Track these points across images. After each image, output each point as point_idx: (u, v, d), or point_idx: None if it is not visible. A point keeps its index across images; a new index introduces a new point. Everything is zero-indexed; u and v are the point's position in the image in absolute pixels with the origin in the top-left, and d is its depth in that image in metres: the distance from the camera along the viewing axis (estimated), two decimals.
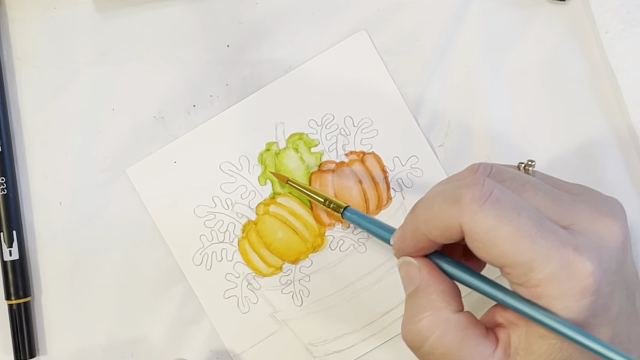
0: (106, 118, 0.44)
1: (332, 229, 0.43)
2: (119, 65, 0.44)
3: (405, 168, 0.43)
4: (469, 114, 0.43)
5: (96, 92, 0.44)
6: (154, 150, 0.44)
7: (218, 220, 0.44)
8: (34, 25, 0.44)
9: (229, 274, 0.44)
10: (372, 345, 0.43)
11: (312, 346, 0.44)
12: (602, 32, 0.42)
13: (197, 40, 0.44)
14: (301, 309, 0.43)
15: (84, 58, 0.44)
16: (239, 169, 0.44)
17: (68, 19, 0.44)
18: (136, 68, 0.44)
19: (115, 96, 0.44)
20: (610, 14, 0.42)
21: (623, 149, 0.43)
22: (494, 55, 0.43)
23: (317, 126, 0.44)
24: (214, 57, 0.44)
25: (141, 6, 0.44)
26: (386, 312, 0.43)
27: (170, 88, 0.44)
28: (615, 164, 0.43)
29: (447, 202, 0.33)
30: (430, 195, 0.34)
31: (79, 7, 0.44)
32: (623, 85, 0.42)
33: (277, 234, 0.43)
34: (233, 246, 0.44)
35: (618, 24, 0.42)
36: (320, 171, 0.43)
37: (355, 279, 0.43)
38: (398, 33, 0.43)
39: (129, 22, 0.44)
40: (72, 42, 0.44)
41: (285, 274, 0.44)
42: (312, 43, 0.44)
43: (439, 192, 0.34)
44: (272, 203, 0.44)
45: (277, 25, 0.44)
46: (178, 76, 0.44)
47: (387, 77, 0.43)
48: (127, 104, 0.44)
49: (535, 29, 0.43)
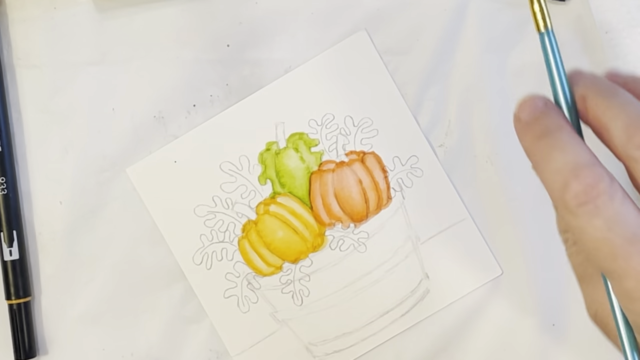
0: (106, 118, 0.44)
1: (332, 229, 0.43)
2: (119, 65, 0.44)
3: (405, 168, 0.43)
4: (469, 113, 0.43)
5: (96, 92, 0.44)
6: (154, 150, 0.44)
7: (218, 220, 0.44)
8: (34, 26, 0.44)
9: (229, 273, 0.44)
10: (372, 345, 0.44)
11: (312, 346, 0.44)
12: (602, 32, 0.42)
13: (197, 40, 0.44)
14: (301, 309, 0.43)
15: (84, 58, 0.44)
16: (239, 168, 0.44)
17: (68, 19, 0.44)
18: (136, 68, 0.44)
19: (115, 96, 0.44)
20: (610, 14, 0.42)
21: None
22: (494, 55, 0.43)
23: (317, 126, 0.44)
24: (214, 57, 0.44)
25: (141, 6, 0.44)
26: (386, 311, 0.43)
27: (170, 88, 0.44)
28: (616, 163, 0.43)
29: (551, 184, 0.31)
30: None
31: (79, 7, 0.44)
32: None
33: (277, 234, 0.43)
34: (233, 246, 0.44)
35: (618, 24, 0.42)
36: (320, 171, 0.44)
37: (355, 278, 0.43)
38: (398, 33, 0.43)
39: (129, 22, 0.44)
40: (72, 42, 0.44)
41: (285, 273, 0.44)
42: (312, 43, 0.44)
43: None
44: (272, 203, 0.44)
45: (277, 25, 0.44)
46: (178, 76, 0.44)
47: (387, 77, 0.43)
48: (127, 103, 0.44)
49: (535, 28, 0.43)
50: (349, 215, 0.43)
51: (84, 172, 0.44)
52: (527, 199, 0.43)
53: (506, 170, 0.43)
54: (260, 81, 0.44)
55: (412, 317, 0.43)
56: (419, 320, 0.43)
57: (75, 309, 0.44)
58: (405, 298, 0.43)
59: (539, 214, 0.42)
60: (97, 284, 0.44)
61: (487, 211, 0.43)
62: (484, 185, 0.43)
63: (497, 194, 0.43)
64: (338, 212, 0.43)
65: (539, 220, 0.43)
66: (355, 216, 0.43)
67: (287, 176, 0.44)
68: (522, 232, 0.42)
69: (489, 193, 0.43)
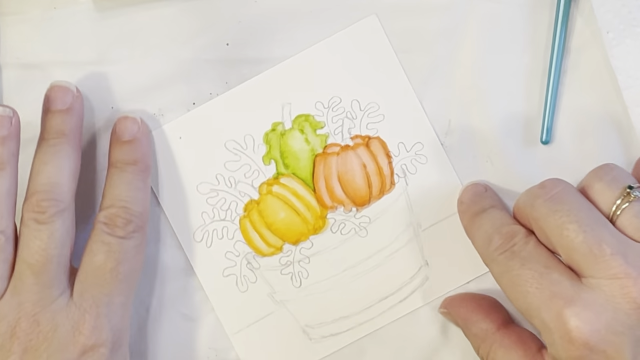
0: (106, 117, 0.44)
1: (334, 212, 0.43)
2: (119, 65, 0.44)
3: (410, 154, 0.43)
4: (469, 113, 0.43)
5: (96, 91, 0.44)
6: (156, 128, 0.44)
7: (220, 198, 0.44)
8: (34, 25, 0.44)
9: (229, 252, 0.44)
10: (368, 329, 0.44)
11: (309, 328, 0.44)
12: (604, 32, 0.41)
13: (197, 39, 0.43)
14: (300, 291, 0.43)
15: (84, 57, 0.44)
16: (243, 147, 0.44)
17: (68, 19, 0.44)
18: (136, 67, 0.44)
19: (115, 95, 0.44)
20: (612, 14, 0.41)
21: (624, 149, 0.43)
22: (494, 55, 0.43)
23: (323, 108, 0.43)
24: (214, 55, 0.44)
25: (141, 6, 0.43)
26: (384, 297, 0.43)
27: (170, 87, 0.44)
28: (617, 164, 0.43)
29: (479, 241, 0.40)
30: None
31: (79, 7, 0.44)
32: (623, 86, 0.41)
33: (279, 215, 0.43)
34: (234, 224, 0.44)
35: (619, 24, 0.41)
36: (324, 154, 0.43)
37: (355, 262, 0.43)
38: (398, 32, 0.43)
39: (128, 22, 0.43)
40: (72, 42, 0.44)
41: (285, 254, 0.44)
42: (311, 42, 0.43)
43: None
44: (275, 183, 0.43)
45: (277, 23, 0.43)
46: (178, 75, 0.44)
47: (395, 63, 0.43)
48: (127, 102, 0.44)
49: (535, 28, 0.43)
50: (351, 199, 0.43)
51: (84, 170, 0.43)
52: None
53: (506, 170, 0.43)
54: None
55: (410, 303, 0.43)
56: (417, 307, 0.43)
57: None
58: (404, 284, 0.43)
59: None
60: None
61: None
62: None
63: (497, 193, 0.43)
64: (341, 195, 0.43)
65: None
66: (357, 200, 0.43)
67: (291, 157, 0.43)
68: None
69: None
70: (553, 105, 0.42)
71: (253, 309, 0.44)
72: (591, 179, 0.38)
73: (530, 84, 0.43)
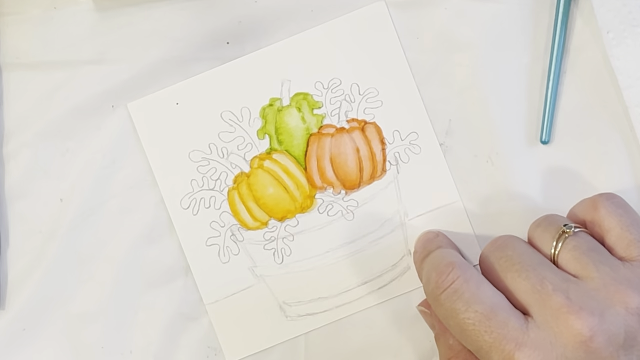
0: (106, 115, 0.44)
1: (322, 193, 0.43)
2: (119, 64, 0.44)
3: (404, 143, 0.43)
4: (469, 113, 0.43)
5: (96, 90, 0.44)
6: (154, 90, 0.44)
7: (211, 168, 0.44)
8: (34, 25, 0.44)
9: (214, 222, 0.44)
10: (345, 313, 0.44)
11: (286, 305, 0.44)
12: (604, 32, 0.41)
13: (197, 38, 0.43)
14: (280, 267, 0.44)
15: (84, 57, 0.44)
16: (239, 119, 0.44)
17: (68, 19, 0.44)
18: (136, 67, 0.44)
19: (115, 94, 0.44)
20: (612, 14, 0.41)
21: (624, 149, 0.43)
22: (494, 55, 0.43)
23: (322, 89, 0.43)
24: (214, 55, 0.44)
25: (141, 6, 0.43)
26: (364, 282, 0.43)
27: (170, 86, 0.44)
28: (617, 164, 0.43)
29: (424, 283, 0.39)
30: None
31: (79, 7, 0.44)
32: (623, 86, 0.41)
33: (268, 190, 0.43)
34: (222, 195, 0.44)
35: (619, 24, 0.41)
36: (319, 134, 0.43)
37: (338, 245, 0.43)
38: (398, 32, 0.43)
39: (128, 22, 0.43)
40: (72, 42, 0.44)
41: (270, 230, 0.44)
42: None
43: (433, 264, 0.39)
44: (267, 158, 0.44)
45: (277, 23, 0.43)
46: (178, 75, 0.44)
47: (399, 50, 0.43)
48: (127, 101, 0.44)
49: (535, 28, 0.43)
50: (341, 181, 0.43)
51: (84, 169, 0.43)
52: (527, 199, 0.43)
53: (506, 170, 0.43)
54: None
55: (389, 291, 0.43)
56: (395, 295, 0.43)
57: (75, 308, 0.44)
58: (385, 271, 0.43)
59: (539, 214, 0.41)
60: (96, 282, 0.44)
61: (487, 211, 0.43)
62: (484, 185, 0.43)
63: (497, 194, 0.43)
64: (331, 176, 0.43)
65: None
66: (347, 183, 0.43)
67: (285, 134, 0.43)
68: (522, 232, 0.42)
69: (489, 193, 0.43)
70: (553, 105, 0.42)
71: (232, 280, 0.44)
72: (531, 229, 0.40)
73: (530, 84, 0.43)
